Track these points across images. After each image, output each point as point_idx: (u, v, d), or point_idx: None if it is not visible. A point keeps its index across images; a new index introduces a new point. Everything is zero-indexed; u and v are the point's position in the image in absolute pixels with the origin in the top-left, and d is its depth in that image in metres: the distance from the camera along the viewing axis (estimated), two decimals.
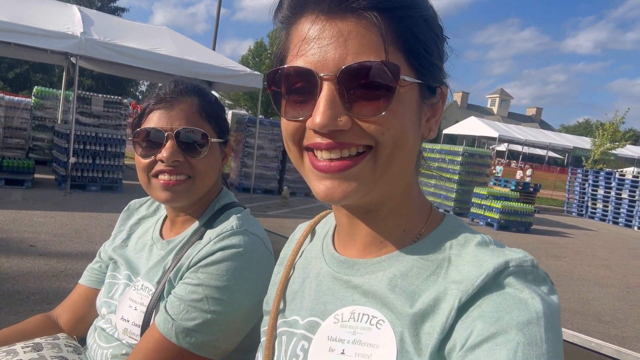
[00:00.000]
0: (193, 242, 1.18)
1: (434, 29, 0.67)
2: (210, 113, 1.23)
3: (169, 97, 1.20)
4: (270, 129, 11.64)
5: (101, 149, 9.09)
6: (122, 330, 1.16)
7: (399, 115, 0.62)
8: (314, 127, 0.61)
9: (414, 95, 0.64)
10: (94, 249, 5.31)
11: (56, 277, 4.37)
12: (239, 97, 35.97)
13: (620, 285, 7.16)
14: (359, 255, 0.73)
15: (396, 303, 0.64)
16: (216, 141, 1.23)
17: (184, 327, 1.04)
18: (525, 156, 50.20)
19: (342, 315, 0.68)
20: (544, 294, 0.59)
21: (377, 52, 0.60)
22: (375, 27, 0.60)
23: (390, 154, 0.62)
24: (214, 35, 20.47)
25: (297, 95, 0.64)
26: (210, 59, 9.70)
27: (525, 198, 13.70)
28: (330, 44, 0.60)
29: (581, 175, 18.41)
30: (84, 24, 8.30)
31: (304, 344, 0.71)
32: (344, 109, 0.60)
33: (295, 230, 0.96)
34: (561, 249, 9.80)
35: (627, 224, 16.04)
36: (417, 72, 0.64)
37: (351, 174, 0.62)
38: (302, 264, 0.83)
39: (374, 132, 0.61)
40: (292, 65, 0.63)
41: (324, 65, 0.60)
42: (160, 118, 1.18)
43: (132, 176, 10.56)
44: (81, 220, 6.61)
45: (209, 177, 1.22)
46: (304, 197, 12.02)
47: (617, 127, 24.68)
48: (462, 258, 0.65)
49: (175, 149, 1.16)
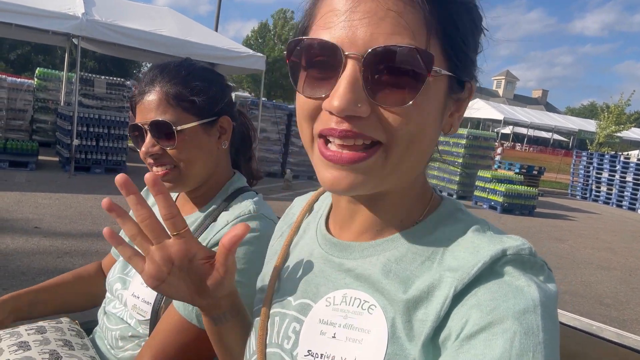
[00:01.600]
0: (208, 225, 1.18)
1: (475, 19, 0.62)
2: (180, 97, 1.16)
3: (142, 88, 1.19)
4: (273, 111, 11.59)
5: (104, 131, 9.09)
6: (131, 306, 1.17)
7: (422, 108, 0.57)
8: (330, 109, 0.56)
9: (441, 89, 0.60)
10: (98, 230, 5.36)
11: (61, 258, 4.41)
12: (241, 80, 35.79)
13: (622, 269, 7.18)
14: (353, 239, 0.71)
15: (389, 288, 0.62)
16: (190, 126, 1.16)
17: None
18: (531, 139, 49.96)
19: (334, 299, 0.67)
20: (540, 282, 0.58)
21: (414, 37, 0.54)
22: (417, 9, 0.55)
23: (404, 149, 0.59)
24: (216, 16, 20.28)
25: (317, 71, 0.59)
26: (212, 41, 9.61)
27: (529, 181, 13.67)
28: (363, 19, 0.55)
29: (586, 158, 18.31)
30: (85, 5, 8.20)
31: (295, 325, 0.70)
32: (367, 94, 0.56)
33: (293, 202, 0.93)
34: (564, 232, 9.80)
35: (630, 207, 15.99)
36: (450, 63, 0.59)
37: (361, 167, 0.58)
38: (299, 243, 0.81)
39: (393, 124, 0.56)
40: (316, 38, 0.58)
41: (352, 43, 0.55)
42: (139, 112, 1.19)
43: (136, 158, 10.56)
44: (85, 202, 6.65)
45: (197, 162, 1.19)
46: (307, 180, 12.02)
47: (623, 109, 24.49)
48: (458, 244, 0.63)
49: (149, 142, 1.16)
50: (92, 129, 8.97)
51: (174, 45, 8.69)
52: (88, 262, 1.58)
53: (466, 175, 12.82)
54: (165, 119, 1.14)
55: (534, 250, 0.61)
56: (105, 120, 9.10)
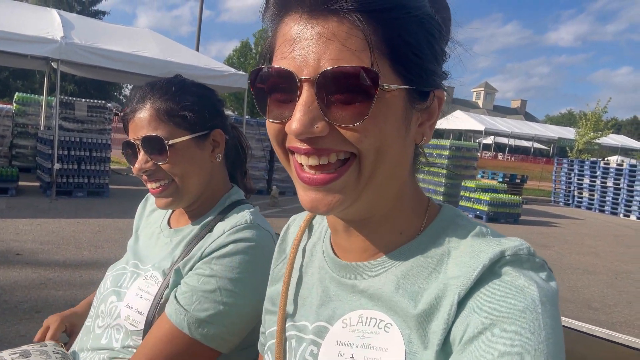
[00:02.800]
0: (204, 235, 1.19)
1: (430, 29, 0.62)
2: (171, 112, 1.18)
3: (132, 106, 1.20)
4: (257, 129, 11.59)
5: (86, 154, 8.97)
6: (124, 316, 1.16)
7: (379, 122, 0.59)
8: (290, 133, 0.59)
9: (399, 101, 0.60)
10: (82, 255, 5.26)
11: (44, 285, 4.30)
12: (224, 98, 35.79)
13: (608, 272, 7.26)
14: (358, 259, 0.72)
15: (401, 305, 0.64)
16: (181, 140, 1.18)
17: (197, 317, 1.05)
18: (512, 148, 50.73)
19: (350, 320, 0.68)
20: (540, 280, 0.59)
21: (359, 57, 0.56)
22: (359, 30, 0.56)
23: (374, 162, 0.60)
24: (197, 36, 20.35)
25: (279, 95, 0.62)
26: (194, 60, 9.63)
27: (512, 189, 13.83)
28: (311, 46, 0.58)
29: (567, 165, 18.63)
30: (64, 28, 8.18)
31: (312, 349, 0.71)
32: (322, 114, 0.58)
33: (289, 221, 0.93)
34: (550, 239, 9.91)
35: (613, 212, 16.26)
36: (404, 78, 0.60)
37: (335, 187, 0.61)
38: (307, 265, 0.82)
39: (353, 140, 0.59)
40: (273, 66, 0.61)
41: (304, 68, 0.58)
42: (131, 129, 1.20)
43: (119, 181, 10.46)
44: (68, 227, 6.51)
45: (191, 176, 1.20)
46: (293, 195, 11.97)
47: (600, 116, 25.03)
48: (460, 250, 0.64)
49: (142, 158, 1.17)
50: (74, 152, 8.85)
51: (155, 66, 8.67)
52: (72, 290, 1.56)
53: (451, 185, 12.93)
54: (156, 134, 1.15)
55: (533, 249, 0.62)
56: (86, 143, 8.98)
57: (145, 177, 1.20)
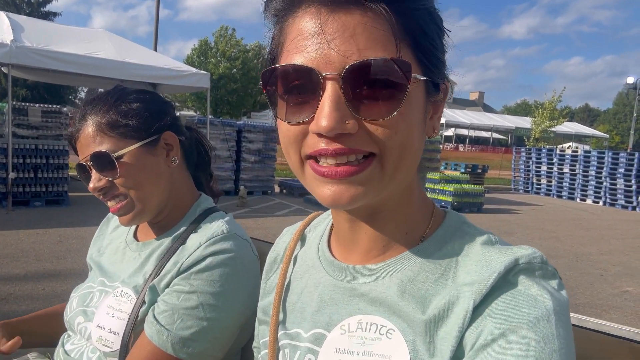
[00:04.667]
0: (176, 248, 1.13)
1: (437, 21, 0.63)
2: (113, 124, 1.13)
3: (77, 126, 1.16)
4: (222, 128, 11.43)
5: (42, 162, 8.62)
6: (96, 338, 1.10)
7: (407, 116, 0.58)
8: (319, 130, 0.55)
9: (420, 94, 0.60)
10: (43, 267, 5.06)
11: (5, 300, 4.11)
12: (185, 99, 35.14)
13: (569, 256, 7.55)
14: (360, 261, 0.70)
15: (407, 310, 0.62)
16: (128, 150, 1.13)
17: (181, 336, 1.01)
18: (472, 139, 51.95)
19: (348, 326, 0.66)
20: (553, 290, 0.59)
21: (386, 48, 0.55)
22: (383, 21, 0.55)
23: (398, 159, 0.59)
24: (155, 35, 19.86)
25: (296, 96, 0.58)
26: (152, 61, 9.39)
27: (474, 179, 14.16)
28: (334, 39, 0.55)
29: (525, 154, 19.28)
30: (13, 31, 7.81)
31: (310, 357, 0.68)
32: (351, 111, 0.56)
33: (282, 234, 0.91)
34: (512, 226, 10.22)
35: (570, 197, 16.94)
36: (424, 68, 0.60)
37: (358, 179, 0.58)
38: (298, 272, 0.80)
39: (382, 136, 0.57)
40: (290, 64, 0.57)
41: (327, 63, 0.55)
42: (79, 150, 1.17)
43: (79, 188, 10.11)
44: (27, 238, 6.24)
45: (147, 185, 1.15)
46: (262, 195, 11.92)
47: (555, 105, 25.98)
48: (469, 258, 0.63)
49: (96, 177, 1.13)
50: (29, 160, 8.49)
51: (111, 68, 8.44)
52: (35, 304, 1.50)
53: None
54: (102, 150, 1.11)
55: (545, 258, 0.62)
56: (42, 150, 8.64)
57: (103, 198, 1.15)
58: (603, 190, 15.74)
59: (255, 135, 11.98)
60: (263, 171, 12.18)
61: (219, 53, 37.24)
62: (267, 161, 12.23)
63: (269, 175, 12.39)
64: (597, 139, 41.94)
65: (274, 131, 12.68)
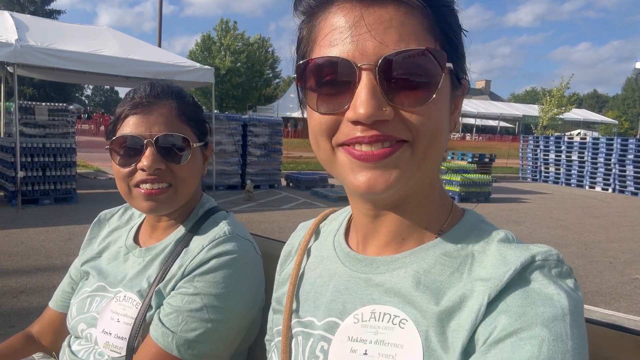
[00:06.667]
0: (180, 251, 1.13)
1: (457, 18, 0.66)
2: (189, 116, 1.18)
3: (146, 101, 1.13)
4: (227, 123, 11.43)
5: (50, 160, 8.68)
6: (103, 343, 1.10)
7: (439, 106, 0.61)
8: (357, 117, 0.58)
9: (448, 86, 0.63)
10: (53, 264, 5.11)
11: (16, 298, 4.17)
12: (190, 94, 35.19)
13: (578, 244, 7.51)
14: (377, 253, 0.71)
15: (421, 301, 0.63)
16: (198, 145, 1.18)
17: (186, 338, 1.01)
18: (479, 128, 51.65)
19: (362, 315, 0.67)
20: (570, 290, 0.59)
21: (419, 40, 0.58)
22: (417, 14, 0.59)
23: (427, 146, 0.61)
24: (159, 31, 19.88)
25: (330, 87, 0.61)
26: (156, 57, 9.39)
27: (482, 169, 14.09)
28: (369, 31, 0.58)
29: (532, 142, 19.11)
30: (18, 31, 7.84)
31: (323, 344, 0.69)
32: (386, 99, 0.58)
33: (297, 229, 0.94)
34: (520, 215, 10.16)
35: (579, 184, 16.80)
36: (452, 61, 0.62)
37: (391, 162, 0.60)
38: (312, 263, 0.82)
39: (416, 123, 0.59)
40: (326, 56, 0.60)
41: (363, 55, 0.58)
42: (137, 124, 1.11)
43: (86, 185, 10.19)
44: (37, 236, 6.31)
45: (191, 183, 1.17)
46: (269, 189, 11.94)
47: (563, 92, 25.72)
48: (485, 255, 0.64)
49: (156, 157, 1.09)
50: (37, 158, 8.56)
51: (116, 65, 8.46)
52: (46, 299, 1.49)
53: None
54: (183, 135, 1.13)
55: (562, 257, 0.63)
56: (50, 148, 8.70)
57: (149, 178, 1.10)
58: (612, 177, 15.59)
59: (261, 129, 11.98)
60: (269, 165, 12.19)
61: (223, 47, 37.15)
62: (273, 155, 12.23)
63: (275, 169, 12.40)
64: (606, 125, 41.55)
65: (279, 125, 12.67)
